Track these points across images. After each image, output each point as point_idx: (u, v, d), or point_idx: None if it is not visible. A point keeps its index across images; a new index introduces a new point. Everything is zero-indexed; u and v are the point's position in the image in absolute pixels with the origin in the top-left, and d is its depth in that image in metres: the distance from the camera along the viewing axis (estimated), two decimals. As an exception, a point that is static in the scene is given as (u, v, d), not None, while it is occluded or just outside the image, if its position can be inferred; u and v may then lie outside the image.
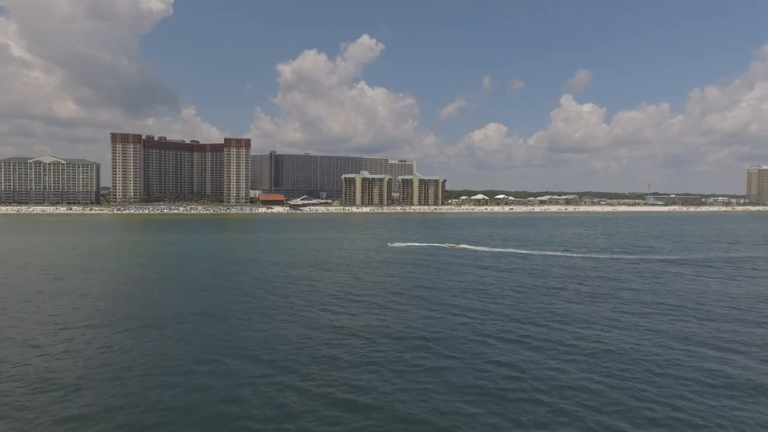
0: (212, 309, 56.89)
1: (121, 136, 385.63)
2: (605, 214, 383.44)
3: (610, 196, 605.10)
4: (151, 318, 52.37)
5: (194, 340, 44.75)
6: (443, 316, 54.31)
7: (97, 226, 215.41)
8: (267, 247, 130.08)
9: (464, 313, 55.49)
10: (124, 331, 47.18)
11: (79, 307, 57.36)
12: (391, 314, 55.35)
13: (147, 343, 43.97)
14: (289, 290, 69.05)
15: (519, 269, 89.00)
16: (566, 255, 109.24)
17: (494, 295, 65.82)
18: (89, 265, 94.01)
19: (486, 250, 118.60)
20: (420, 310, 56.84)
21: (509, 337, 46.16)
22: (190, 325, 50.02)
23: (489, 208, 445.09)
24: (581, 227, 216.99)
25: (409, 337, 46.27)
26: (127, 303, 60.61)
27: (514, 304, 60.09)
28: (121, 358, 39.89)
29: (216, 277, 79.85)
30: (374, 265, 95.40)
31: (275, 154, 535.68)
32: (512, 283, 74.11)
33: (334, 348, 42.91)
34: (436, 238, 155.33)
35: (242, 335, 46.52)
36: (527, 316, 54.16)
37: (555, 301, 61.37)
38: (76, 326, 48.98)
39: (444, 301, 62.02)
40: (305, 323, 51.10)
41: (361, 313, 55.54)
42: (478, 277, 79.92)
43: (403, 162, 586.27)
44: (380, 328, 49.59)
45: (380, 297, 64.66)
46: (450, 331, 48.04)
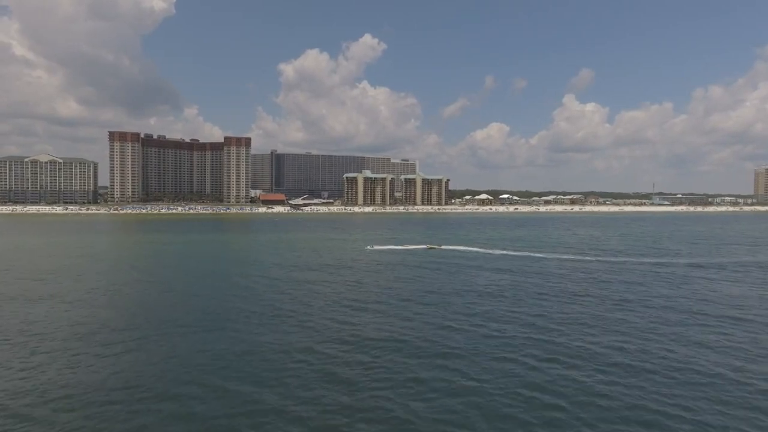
0: (202, 317, 51.22)
1: (119, 134, 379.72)
2: (612, 215, 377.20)
3: (613, 196, 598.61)
4: (132, 326, 46.62)
5: (181, 352, 39.29)
6: (462, 326, 48.48)
7: (89, 227, 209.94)
8: (263, 250, 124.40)
9: (485, 323, 49.65)
10: (95, 340, 41.40)
11: (57, 314, 51.61)
12: (402, 323, 49.63)
13: (123, 355, 38.23)
14: (288, 297, 63.24)
15: (535, 273, 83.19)
16: (581, 258, 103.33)
17: (514, 302, 60.02)
18: (67, 268, 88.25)
19: (497, 254, 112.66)
20: (434, 320, 51.07)
21: (539, 352, 40.29)
22: (177, 337, 44.29)
23: (493, 208, 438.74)
24: (591, 228, 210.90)
25: (426, 352, 40.52)
26: (96, 310, 54.73)
27: (537, 313, 54.17)
28: (114, 369, 34.97)
29: (207, 282, 74.11)
30: (378, 268, 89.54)
31: (276, 153, 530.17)
32: (531, 289, 68.31)
33: (341, 365, 37.30)
34: (440, 239, 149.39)
35: (235, 347, 40.78)
36: (554, 326, 48.34)
37: (582, 309, 55.59)
38: (53, 335, 43.41)
39: (460, 308, 56.25)
40: (308, 334, 45.58)
41: (368, 323, 49.79)
42: (493, 282, 74.08)
43: (406, 161, 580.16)
44: (392, 339, 44.11)
45: (388, 304, 58.92)
46: (470, 344, 42.29)
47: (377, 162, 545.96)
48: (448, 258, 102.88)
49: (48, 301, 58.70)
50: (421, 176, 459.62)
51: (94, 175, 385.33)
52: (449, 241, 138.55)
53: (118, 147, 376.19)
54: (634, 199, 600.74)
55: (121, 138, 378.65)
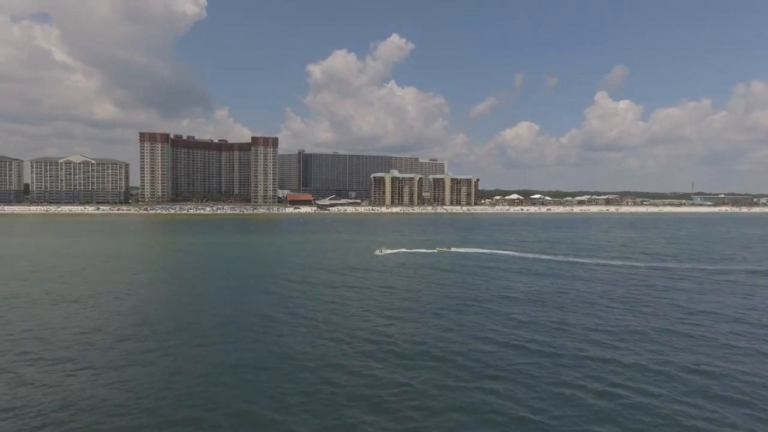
0: (223, 324, 47.19)
1: (150, 135, 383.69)
2: (651, 216, 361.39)
3: (649, 196, 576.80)
4: (147, 333, 42.61)
5: (194, 367, 35.03)
6: (507, 340, 42.87)
7: (117, 227, 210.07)
8: (288, 252, 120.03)
9: (533, 336, 43.91)
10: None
11: (76, 318, 48.21)
12: (438, 334, 44.36)
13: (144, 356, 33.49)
14: (314, 303, 58.47)
15: (579, 279, 76.16)
16: (629, 264, 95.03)
17: (562, 312, 53.58)
18: (89, 270, 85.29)
19: (534, 258, 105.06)
20: (474, 332, 45.37)
21: (603, 374, 34.15)
22: (191, 347, 40.16)
23: (525, 209, 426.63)
24: (632, 230, 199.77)
25: (469, 371, 35.04)
26: (114, 314, 50.52)
27: (592, 326, 47.91)
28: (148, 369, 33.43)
29: (230, 286, 69.99)
30: (408, 272, 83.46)
31: (304, 153, 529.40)
32: (578, 298, 61.83)
33: (372, 386, 32.46)
34: (474, 242, 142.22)
35: (255, 360, 36.06)
36: (615, 342, 42.48)
37: (642, 322, 49.69)
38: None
39: (502, 319, 50.25)
40: (337, 347, 41.18)
41: (401, 335, 44.62)
42: (535, 290, 67.33)
43: (434, 161, 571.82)
44: (428, 355, 39.17)
45: (422, 312, 53.55)
46: (520, 362, 36.50)
47: (405, 162, 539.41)
48: (483, 262, 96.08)
49: (67, 304, 56.45)
50: (450, 176, 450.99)
51: (125, 176, 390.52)
52: (481, 244, 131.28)
53: (148, 147, 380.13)
54: (672, 199, 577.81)
55: (151, 139, 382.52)
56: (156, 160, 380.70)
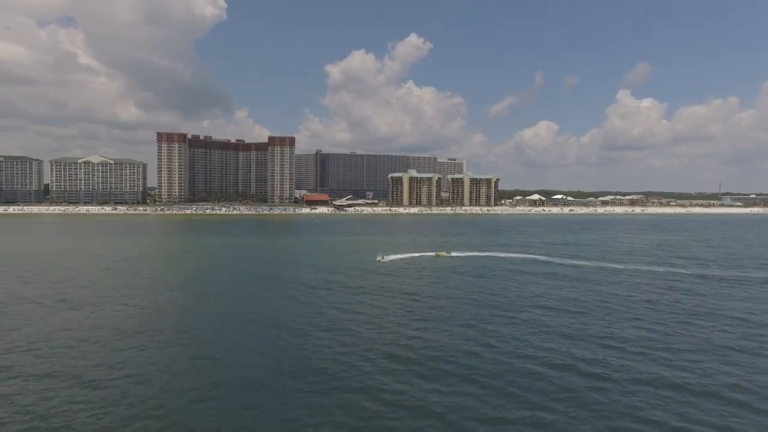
0: (237, 330, 41.86)
1: (167, 135, 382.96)
2: (679, 217, 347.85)
3: (674, 196, 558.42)
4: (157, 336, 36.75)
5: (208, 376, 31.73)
6: (550, 367, 35.79)
7: (129, 227, 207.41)
8: (301, 254, 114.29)
9: (591, 368, 36.59)
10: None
11: (88, 320, 45.25)
12: (467, 347, 38.13)
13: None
14: (332, 309, 52.16)
15: (617, 286, 68.56)
16: (672, 270, 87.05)
17: (605, 325, 46.51)
18: (100, 274, 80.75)
19: (567, 263, 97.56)
20: (510, 347, 38.91)
21: (669, 404, 27.08)
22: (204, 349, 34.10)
23: (546, 210, 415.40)
24: (663, 232, 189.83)
25: (507, 393, 28.30)
26: (122, 317, 45.20)
27: (641, 341, 40.79)
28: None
29: (243, 289, 64.70)
30: (432, 276, 76.97)
31: (321, 153, 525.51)
32: (621, 309, 55.19)
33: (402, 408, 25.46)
34: (497, 245, 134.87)
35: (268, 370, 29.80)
36: (677, 359, 35.25)
37: (702, 336, 42.62)
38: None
39: (544, 338, 43.52)
40: (358, 356, 36.73)
41: (427, 348, 37.70)
42: (572, 300, 60.53)
43: (453, 161, 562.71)
44: (459, 374, 33.52)
45: (450, 322, 46.62)
46: (577, 401, 29.42)
47: (423, 161, 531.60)
48: (510, 267, 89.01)
49: (73, 309, 53.80)
50: (469, 176, 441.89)
51: (143, 176, 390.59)
52: (505, 247, 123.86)
53: (166, 148, 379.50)
54: (698, 199, 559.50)
55: (168, 139, 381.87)
56: (173, 160, 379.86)
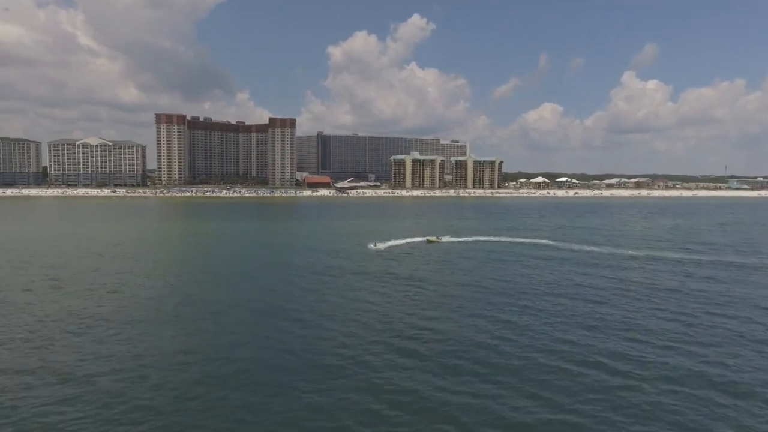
0: (241, 317, 37.61)
1: (166, 116, 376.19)
2: (687, 200, 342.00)
3: (679, 179, 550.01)
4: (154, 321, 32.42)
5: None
6: (578, 363, 31.21)
7: (127, 211, 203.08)
8: (302, 239, 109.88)
9: (617, 364, 32.17)
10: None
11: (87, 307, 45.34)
12: (484, 332, 33.74)
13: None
14: (337, 297, 47.94)
15: (639, 274, 64.08)
16: (689, 258, 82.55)
17: (634, 316, 42.04)
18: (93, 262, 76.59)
19: (579, 249, 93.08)
20: (532, 340, 34.05)
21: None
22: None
23: (551, 192, 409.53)
24: (673, 216, 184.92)
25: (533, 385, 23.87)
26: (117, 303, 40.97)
27: (678, 333, 36.75)
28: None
29: (242, 275, 60.29)
30: (441, 261, 72.59)
31: (322, 135, 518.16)
32: (648, 298, 51.62)
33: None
34: (503, 229, 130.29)
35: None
36: (730, 362, 30.76)
37: (755, 336, 37.45)
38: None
39: (566, 330, 39.13)
40: (368, 346, 35.07)
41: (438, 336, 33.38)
42: (590, 288, 56.25)
43: (456, 143, 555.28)
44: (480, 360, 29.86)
45: (468, 315, 42.02)
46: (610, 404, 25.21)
47: (426, 144, 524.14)
48: (520, 252, 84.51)
49: (65, 295, 53.70)
50: (473, 158, 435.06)
51: (142, 158, 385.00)
52: (514, 232, 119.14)
53: (165, 129, 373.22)
54: (704, 182, 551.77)
55: (167, 120, 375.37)
56: (172, 142, 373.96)
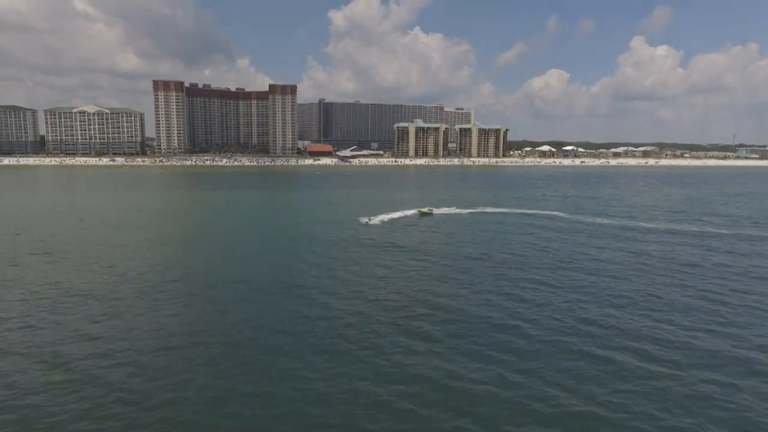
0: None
1: (163, 83, 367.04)
2: (696, 169, 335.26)
3: (687, 148, 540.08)
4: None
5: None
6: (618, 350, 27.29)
7: (124, 181, 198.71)
8: (302, 211, 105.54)
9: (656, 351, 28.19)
10: None
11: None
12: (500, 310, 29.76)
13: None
14: (346, 273, 43.99)
15: (659, 248, 59.90)
16: (708, 230, 78.28)
17: (658, 291, 37.90)
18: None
19: (592, 222, 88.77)
20: (553, 315, 29.91)
21: None
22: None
23: (557, 161, 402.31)
24: (684, 187, 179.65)
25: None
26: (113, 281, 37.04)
27: (712, 316, 32.79)
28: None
29: (244, 248, 56.09)
30: (450, 234, 68.36)
31: (324, 102, 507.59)
32: (672, 275, 48.03)
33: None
34: (511, 199, 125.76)
35: None
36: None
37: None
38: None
39: (591, 309, 35.00)
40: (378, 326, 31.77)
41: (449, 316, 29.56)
42: (609, 263, 52.05)
43: (460, 110, 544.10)
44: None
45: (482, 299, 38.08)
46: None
47: (430, 111, 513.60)
48: (530, 223, 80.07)
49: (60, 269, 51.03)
50: (478, 126, 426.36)
51: (140, 126, 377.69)
52: (522, 203, 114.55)
53: (163, 96, 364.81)
54: (711, 150, 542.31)
55: (165, 87, 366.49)
56: (171, 109, 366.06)
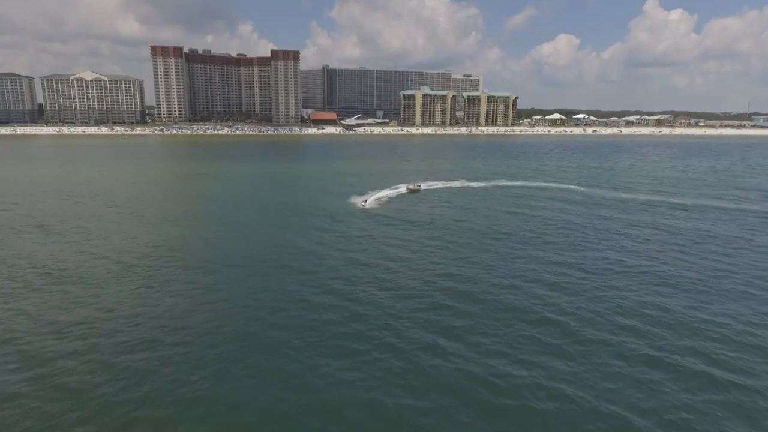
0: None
1: (162, 48, 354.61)
2: (714, 139, 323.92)
3: (700, 116, 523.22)
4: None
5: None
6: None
7: (118, 151, 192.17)
8: (304, 185, 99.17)
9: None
10: None
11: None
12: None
13: None
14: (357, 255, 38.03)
15: (696, 225, 53.38)
16: (746, 208, 71.38)
17: (708, 281, 31.88)
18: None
19: (616, 197, 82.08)
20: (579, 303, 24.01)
21: None
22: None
23: (568, 130, 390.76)
24: (707, 157, 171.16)
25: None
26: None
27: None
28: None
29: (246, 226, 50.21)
30: (467, 209, 62.10)
31: (328, 68, 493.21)
32: (717, 258, 41.06)
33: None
34: (526, 171, 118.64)
35: None
36: None
37: None
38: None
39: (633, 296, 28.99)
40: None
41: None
42: (640, 244, 45.21)
43: (468, 77, 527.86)
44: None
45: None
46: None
47: (437, 78, 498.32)
48: (552, 198, 73.34)
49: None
50: (487, 93, 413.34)
51: (140, 94, 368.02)
52: (537, 175, 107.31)
53: (162, 63, 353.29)
54: (724, 119, 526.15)
55: (163, 53, 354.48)
56: (170, 76, 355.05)
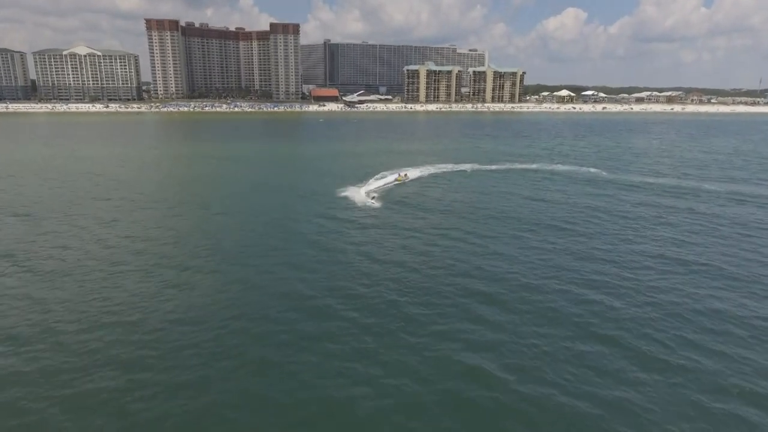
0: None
1: (157, 22, 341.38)
2: (729, 117, 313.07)
3: (709, 93, 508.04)
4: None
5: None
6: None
7: (111, 129, 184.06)
8: (302, 169, 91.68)
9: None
10: None
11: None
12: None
13: None
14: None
15: (738, 215, 45.87)
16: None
17: None
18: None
19: (641, 182, 74.31)
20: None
21: None
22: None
23: (577, 107, 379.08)
24: (729, 137, 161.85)
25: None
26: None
27: None
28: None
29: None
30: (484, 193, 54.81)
31: (330, 43, 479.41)
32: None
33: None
34: (540, 150, 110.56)
35: None
36: None
37: None
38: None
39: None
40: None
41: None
42: (681, 237, 37.86)
43: (474, 51, 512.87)
44: None
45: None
46: None
47: (441, 53, 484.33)
48: (564, 182, 65.71)
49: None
50: (493, 69, 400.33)
51: (136, 70, 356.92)
52: (553, 157, 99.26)
53: (157, 37, 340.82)
54: (734, 95, 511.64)
55: (158, 26, 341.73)
56: (166, 51, 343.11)
